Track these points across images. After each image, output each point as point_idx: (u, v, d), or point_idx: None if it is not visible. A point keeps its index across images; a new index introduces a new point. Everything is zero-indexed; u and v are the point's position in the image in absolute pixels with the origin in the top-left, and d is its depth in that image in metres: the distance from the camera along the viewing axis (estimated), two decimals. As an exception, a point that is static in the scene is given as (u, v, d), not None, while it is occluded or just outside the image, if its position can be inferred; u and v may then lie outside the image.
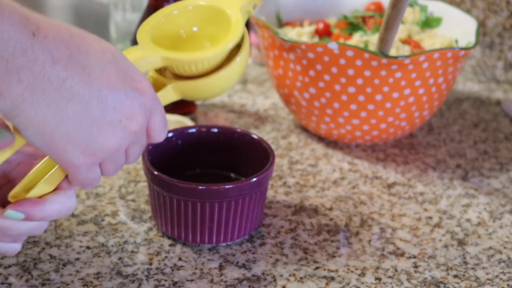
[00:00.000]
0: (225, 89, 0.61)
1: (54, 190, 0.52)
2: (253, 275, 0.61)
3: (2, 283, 0.59)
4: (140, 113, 0.50)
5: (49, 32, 0.45)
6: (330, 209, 0.71)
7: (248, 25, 1.07)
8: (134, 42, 0.82)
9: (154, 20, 0.61)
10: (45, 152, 0.48)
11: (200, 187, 0.61)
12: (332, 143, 0.84)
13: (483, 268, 0.64)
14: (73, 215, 0.68)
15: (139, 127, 0.50)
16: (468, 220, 0.71)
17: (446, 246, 0.66)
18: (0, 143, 0.48)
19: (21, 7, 0.44)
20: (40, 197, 0.51)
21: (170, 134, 0.69)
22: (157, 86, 0.59)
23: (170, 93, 0.59)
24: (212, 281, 0.60)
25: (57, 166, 0.52)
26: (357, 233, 0.67)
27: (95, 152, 0.49)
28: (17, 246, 0.53)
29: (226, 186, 0.61)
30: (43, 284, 0.59)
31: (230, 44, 0.59)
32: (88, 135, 0.47)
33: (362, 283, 0.61)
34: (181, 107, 0.86)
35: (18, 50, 0.43)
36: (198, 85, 0.59)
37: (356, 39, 0.83)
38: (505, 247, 0.67)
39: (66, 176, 0.52)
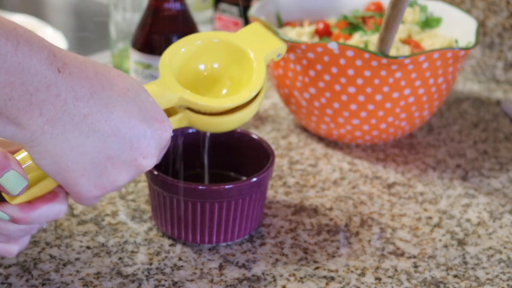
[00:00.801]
0: (236, 127, 0.62)
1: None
2: (253, 275, 0.61)
3: (2, 283, 0.59)
4: (154, 153, 0.51)
5: (74, 69, 0.46)
6: (330, 209, 0.71)
7: (247, 24, 1.07)
8: (134, 43, 0.82)
9: (176, 49, 0.61)
10: (57, 181, 0.49)
11: (200, 187, 0.61)
12: (332, 143, 0.84)
13: (483, 268, 0.64)
14: (73, 215, 0.68)
15: (151, 166, 0.51)
16: (468, 220, 0.71)
17: (446, 246, 0.66)
18: (19, 192, 0.49)
19: (49, 43, 0.45)
20: (30, 200, 0.51)
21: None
22: (168, 111, 0.59)
23: (179, 122, 0.59)
24: (212, 281, 0.60)
25: None
26: (357, 233, 0.68)
27: (106, 186, 0.50)
28: (12, 249, 0.53)
29: (226, 186, 0.61)
30: (43, 284, 0.59)
31: (252, 94, 0.60)
32: (102, 170, 0.49)
33: (362, 283, 0.61)
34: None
35: (43, 85, 0.44)
36: (210, 122, 0.59)
37: (356, 39, 0.83)
38: (505, 247, 0.67)
39: None
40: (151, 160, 0.51)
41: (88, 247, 0.63)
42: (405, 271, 0.63)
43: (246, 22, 1.07)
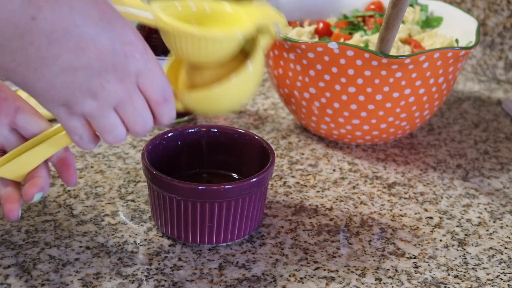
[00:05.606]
0: (235, 102, 0.59)
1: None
2: (253, 275, 0.61)
3: (2, 284, 0.59)
4: (123, 77, 0.50)
5: (49, 13, 0.45)
6: (330, 209, 0.71)
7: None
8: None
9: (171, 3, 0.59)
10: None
11: (200, 187, 0.61)
12: (332, 143, 0.84)
13: (484, 268, 0.64)
14: (72, 215, 0.67)
15: (120, 88, 0.50)
16: (468, 220, 0.70)
17: (446, 246, 0.66)
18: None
19: None
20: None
21: (170, 134, 0.69)
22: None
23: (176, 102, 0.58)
24: (212, 281, 0.60)
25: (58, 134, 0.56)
26: (357, 233, 0.67)
27: (74, 107, 0.50)
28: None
29: (226, 186, 0.61)
30: (43, 285, 0.59)
31: (238, 32, 0.55)
32: (70, 97, 0.49)
33: (362, 284, 0.61)
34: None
35: (15, 35, 0.44)
36: (206, 95, 0.57)
37: (356, 38, 0.83)
38: (505, 248, 0.67)
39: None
40: (116, 85, 0.50)
41: (88, 248, 0.63)
42: (405, 272, 0.63)
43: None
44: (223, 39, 0.55)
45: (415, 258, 0.64)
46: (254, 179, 0.62)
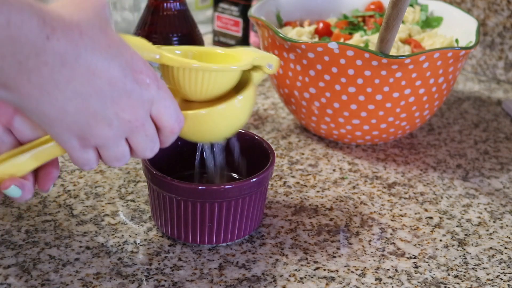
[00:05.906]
0: (224, 131, 0.61)
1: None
2: (253, 275, 0.61)
3: (2, 284, 0.59)
4: (137, 105, 0.51)
5: (61, 34, 0.46)
6: (330, 209, 0.71)
7: (248, 26, 1.07)
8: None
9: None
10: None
11: (200, 187, 0.61)
12: (332, 143, 0.84)
13: (484, 268, 0.64)
14: (72, 215, 0.67)
15: (135, 117, 0.51)
16: (468, 220, 0.70)
17: (446, 246, 0.66)
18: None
19: (38, 4, 0.45)
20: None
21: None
22: None
23: None
24: (212, 281, 0.60)
25: (47, 145, 0.55)
26: (357, 233, 0.67)
27: (89, 138, 0.51)
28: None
29: (226, 186, 0.61)
30: (43, 285, 0.59)
31: (233, 66, 0.59)
32: (84, 126, 0.50)
33: (362, 284, 0.61)
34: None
35: (32, 53, 0.45)
36: (194, 118, 0.59)
37: (356, 38, 0.83)
38: (505, 248, 0.67)
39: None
40: (132, 111, 0.51)
41: (88, 248, 0.63)
42: (405, 272, 0.63)
43: (246, 21, 1.07)
44: (220, 71, 0.58)
45: (415, 258, 0.64)
46: (254, 179, 0.62)
